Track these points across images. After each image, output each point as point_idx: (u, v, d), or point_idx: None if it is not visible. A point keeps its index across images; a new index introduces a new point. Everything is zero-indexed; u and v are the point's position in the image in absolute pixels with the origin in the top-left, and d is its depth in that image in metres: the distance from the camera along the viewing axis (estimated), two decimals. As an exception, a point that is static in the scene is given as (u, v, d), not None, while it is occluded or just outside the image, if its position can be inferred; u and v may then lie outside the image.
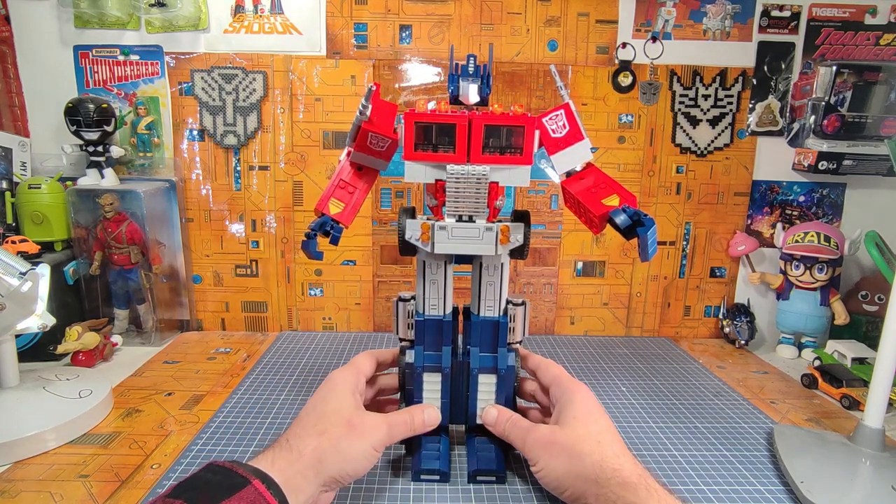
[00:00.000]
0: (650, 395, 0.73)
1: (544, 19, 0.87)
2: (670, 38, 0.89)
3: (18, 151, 0.86)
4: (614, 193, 0.50)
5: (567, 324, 0.96)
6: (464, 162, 0.50)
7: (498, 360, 0.55)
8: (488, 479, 0.53)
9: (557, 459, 0.46)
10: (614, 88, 0.89)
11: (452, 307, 0.56)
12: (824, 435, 0.61)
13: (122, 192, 0.83)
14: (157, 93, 0.88)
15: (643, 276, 0.95)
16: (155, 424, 0.63)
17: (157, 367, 0.79)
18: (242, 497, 0.37)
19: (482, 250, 0.51)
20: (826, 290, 0.88)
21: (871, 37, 0.89)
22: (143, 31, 0.86)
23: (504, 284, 0.54)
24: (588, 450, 0.45)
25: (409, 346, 0.56)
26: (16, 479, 0.52)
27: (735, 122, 0.91)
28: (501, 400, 0.55)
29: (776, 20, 0.88)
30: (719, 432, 0.64)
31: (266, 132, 0.89)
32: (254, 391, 0.71)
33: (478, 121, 0.49)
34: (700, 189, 0.93)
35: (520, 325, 0.56)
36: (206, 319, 0.94)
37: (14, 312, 0.59)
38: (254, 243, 0.92)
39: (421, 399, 0.55)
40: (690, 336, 0.97)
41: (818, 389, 0.77)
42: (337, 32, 0.87)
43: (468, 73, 0.50)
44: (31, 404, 0.61)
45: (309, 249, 0.51)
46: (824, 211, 0.94)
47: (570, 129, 0.51)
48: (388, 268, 0.93)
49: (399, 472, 0.54)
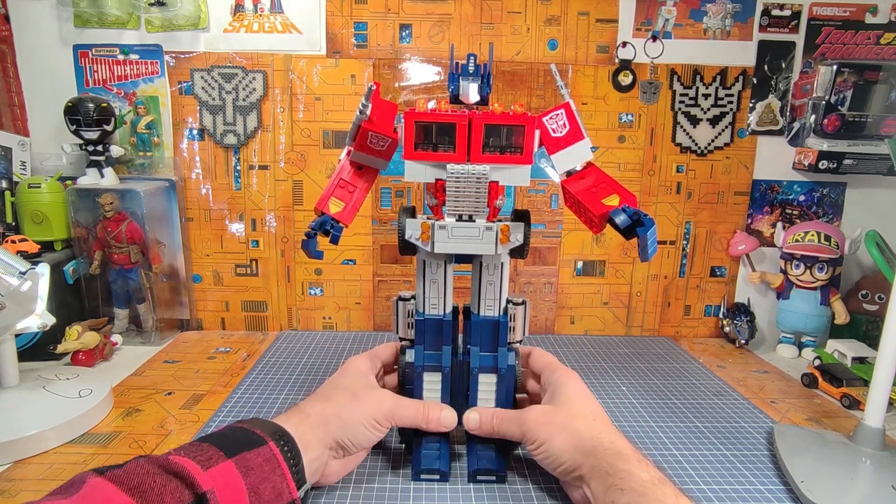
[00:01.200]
0: (650, 395, 0.73)
1: (544, 18, 0.87)
2: (670, 37, 0.88)
3: (18, 151, 0.86)
4: (614, 193, 0.50)
5: (567, 323, 0.96)
6: (464, 161, 0.50)
7: (498, 359, 0.55)
8: (488, 479, 0.53)
9: (557, 436, 0.48)
10: (614, 88, 0.89)
11: (452, 306, 0.56)
12: (824, 434, 0.61)
13: (122, 192, 0.83)
14: (157, 92, 0.87)
15: (643, 275, 0.95)
16: (155, 424, 0.63)
17: (157, 367, 0.79)
18: (259, 453, 0.42)
19: (482, 250, 0.51)
20: (826, 290, 0.88)
21: (871, 36, 0.88)
22: (142, 31, 0.86)
23: (504, 284, 0.54)
24: (585, 426, 0.48)
25: (410, 346, 0.56)
26: (16, 478, 0.52)
27: (735, 121, 0.91)
28: (501, 399, 0.55)
29: (777, 19, 0.88)
30: (719, 432, 0.64)
31: (266, 131, 0.89)
32: (254, 391, 0.71)
33: (478, 120, 0.49)
34: (700, 188, 0.93)
35: (520, 325, 0.56)
36: (206, 319, 0.94)
37: (14, 312, 0.59)
38: (254, 243, 0.92)
39: (421, 398, 0.55)
40: (690, 335, 0.97)
41: (818, 389, 0.77)
42: (337, 32, 0.87)
43: (468, 72, 0.50)
44: (31, 404, 0.61)
45: (309, 248, 0.51)
46: (824, 210, 0.94)
47: (571, 128, 0.51)
48: (388, 267, 0.93)
49: (399, 472, 0.54)
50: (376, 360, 0.58)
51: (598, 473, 0.44)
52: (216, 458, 0.40)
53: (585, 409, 0.50)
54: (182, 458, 0.38)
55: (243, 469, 0.40)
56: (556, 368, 0.55)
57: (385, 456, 0.57)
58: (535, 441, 0.49)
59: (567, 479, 0.48)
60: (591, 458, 0.45)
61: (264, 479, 0.41)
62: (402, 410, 0.51)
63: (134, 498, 0.35)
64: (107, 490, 0.35)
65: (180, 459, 0.38)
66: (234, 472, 0.39)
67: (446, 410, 0.53)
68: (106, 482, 0.35)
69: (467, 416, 0.54)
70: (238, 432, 0.44)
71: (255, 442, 0.42)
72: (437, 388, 0.55)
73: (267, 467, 0.41)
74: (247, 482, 0.39)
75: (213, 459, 0.39)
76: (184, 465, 0.37)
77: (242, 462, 0.40)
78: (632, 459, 0.44)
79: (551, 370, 0.55)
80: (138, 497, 0.35)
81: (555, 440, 0.47)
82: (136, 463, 0.38)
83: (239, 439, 0.42)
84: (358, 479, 0.53)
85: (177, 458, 0.38)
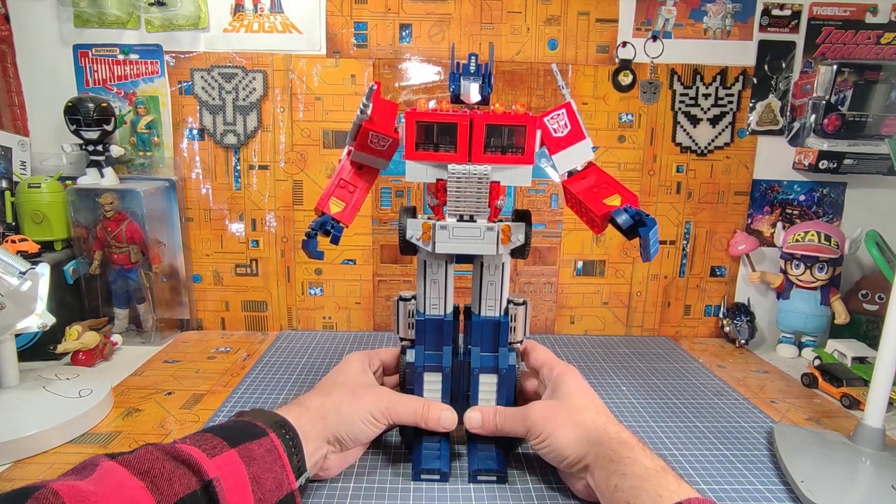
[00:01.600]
0: (650, 395, 0.73)
1: (544, 18, 0.87)
2: (671, 36, 0.88)
3: (18, 150, 0.86)
4: (616, 193, 0.50)
5: (567, 323, 0.96)
6: (465, 161, 0.50)
7: (499, 359, 0.55)
8: (489, 479, 0.53)
9: (562, 429, 0.48)
10: (614, 87, 0.89)
11: (453, 307, 0.56)
12: (824, 434, 0.61)
13: (122, 192, 0.83)
14: (157, 92, 0.87)
15: (643, 275, 0.95)
16: (155, 424, 0.63)
17: (157, 367, 0.79)
18: (262, 444, 0.43)
19: (483, 250, 0.51)
20: (826, 290, 0.88)
21: (871, 36, 0.88)
22: (142, 31, 0.86)
23: (505, 284, 0.54)
24: (589, 418, 0.49)
25: (410, 346, 0.56)
26: (16, 478, 0.52)
27: (735, 121, 0.91)
28: (503, 400, 0.55)
29: (777, 19, 0.88)
30: (719, 431, 0.64)
31: (266, 131, 0.89)
32: (254, 391, 0.71)
33: (479, 120, 0.49)
34: (700, 188, 0.93)
35: (521, 325, 0.56)
36: (206, 319, 0.94)
37: (14, 312, 0.59)
38: (254, 242, 0.92)
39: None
40: (690, 335, 0.97)
41: (818, 389, 0.77)
42: (337, 31, 0.87)
43: (469, 72, 0.50)
44: (31, 404, 0.61)
45: (309, 249, 0.51)
46: (825, 210, 0.94)
47: (572, 128, 0.51)
48: (389, 267, 0.93)
49: (399, 472, 0.54)
50: (375, 358, 0.58)
51: (602, 461, 0.44)
52: (220, 448, 0.41)
53: (588, 402, 0.51)
54: (188, 446, 0.40)
55: (246, 459, 0.41)
56: (555, 364, 0.55)
57: (385, 456, 0.57)
58: (540, 435, 0.49)
59: (571, 470, 0.48)
60: (597, 447, 0.46)
61: (266, 469, 0.42)
62: (399, 408, 0.52)
63: (145, 482, 0.36)
64: (119, 473, 0.36)
65: (187, 448, 0.39)
66: (237, 462, 0.40)
67: (447, 411, 0.53)
68: (118, 466, 0.37)
69: (468, 415, 0.54)
70: (241, 424, 0.45)
71: (258, 433, 0.43)
72: (438, 388, 0.55)
73: (269, 458, 0.42)
74: (249, 471, 0.41)
75: (217, 448, 0.41)
76: (191, 452, 0.39)
77: (245, 452, 0.41)
78: (636, 448, 0.44)
79: (550, 367, 0.55)
80: (149, 481, 0.36)
81: (560, 433, 0.48)
82: (146, 450, 0.39)
83: (242, 430, 0.44)
84: (359, 473, 0.54)
85: (183, 446, 0.39)
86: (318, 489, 0.51)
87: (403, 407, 0.52)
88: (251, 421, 0.45)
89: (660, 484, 0.40)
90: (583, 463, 0.47)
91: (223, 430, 0.43)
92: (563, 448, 0.48)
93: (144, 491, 0.36)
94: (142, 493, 0.35)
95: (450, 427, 0.53)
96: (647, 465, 0.42)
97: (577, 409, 0.50)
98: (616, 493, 0.42)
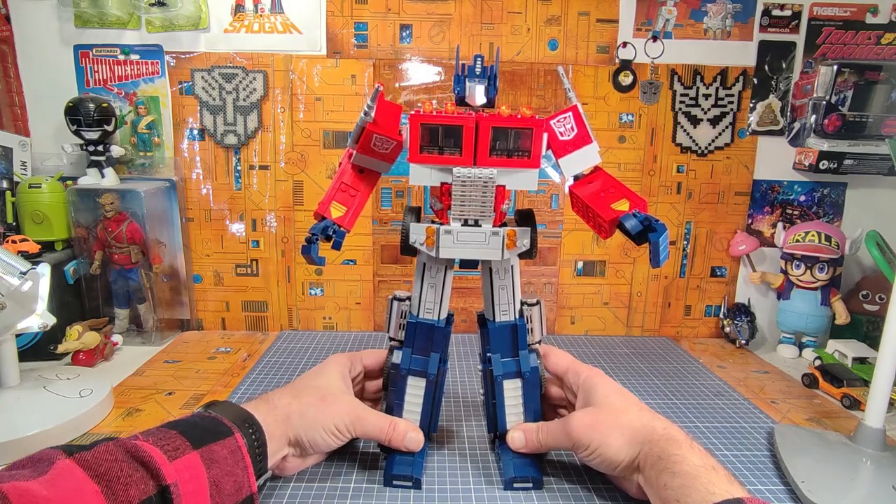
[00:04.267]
0: (651, 395, 0.73)
1: (545, 18, 0.87)
2: (671, 37, 0.88)
3: (19, 151, 0.86)
4: (624, 198, 0.49)
5: (567, 323, 0.96)
6: (470, 165, 0.48)
7: (520, 363, 0.54)
8: (525, 486, 0.51)
9: (609, 436, 0.47)
10: (615, 88, 0.89)
11: (448, 314, 0.54)
12: (825, 434, 0.61)
13: (123, 192, 0.83)
14: (158, 92, 0.87)
15: (644, 275, 0.95)
16: (155, 424, 0.61)
17: (157, 367, 0.79)
18: (225, 445, 0.42)
19: (488, 255, 0.50)
20: (827, 290, 0.88)
21: (872, 36, 0.89)
22: (143, 31, 0.86)
23: (516, 287, 0.53)
24: (634, 417, 0.48)
25: (398, 347, 0.55)
26: (17, 479, 0.52)
27: (736, 121, 0.91)
28: (530, 404, 0.54)
29: (777, 19, 0.88)
30: (720, 432, 0.64)
31: (266, 132, 0.88)
32: (254, 391, 0.71)
33: (485, 123, 0.48)
34: (701, 188, 0.93)
35: (537, 325, 0.55)
36: (206, 319, 0.94)
37: (14, 312, 0.59)
38: (254, 243, 0.92)
39: (402, 402, 0.54)
40: (691, 336, 0.97)
41: (819, 389, 0.77)
42: (337, 32, 0.87)
43: (475, 73, 0.49)
44: (31, 404, 0.61)
45: (310, 254, 0.49)
46: (825, 210, 0.94)
47: (579, 131, 0.50)
48: (389, 267, 0.93)
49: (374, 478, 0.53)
50: (357, 363, 0.57)
51: (651, 459, 0.44)
52: (183, 449, 0.40)
53: (626, 401, 0.50)
54: (150, 445, 0.39)
55: (207, 461, 0.40)
56: (581, 369, 0.54)
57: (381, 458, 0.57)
58: (589, 446, 0.47)
59: (623, 474, 0.47)
60: (647, 446, 0.45)
61: (227, 472, 0.41)
62: (367, 424, 0.51)
63: (100, 486, 0.35)
64: (76, 474, 0.35)
65: (148, 447, 0.38)
66: (198, 466, 0.40)
67: (412, 432, 0.52)
68: (74, 465, 0.36)
69: (511, 436, 0.53)
70: (207, 420, 0.44)
71: (223, 432, 0.43)
72: (420, 393, 0.54)
73: (231, 459, 0.42)
74: (210, 475, 0.40)
75: (179, 450, 0.40)
76: (151, 454, 0.38)
77: (207, 454, 0.41)
78: (684, 444, 0.44)
79: (575, 371, 0.54)
80: (104, 485, 0.35)
81: (608, 440, 0.47)
82: (105, 447, 0.37)
83: (207, 428, 0.43)
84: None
85: (145, 444, 0.38)
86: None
87: (370, 424, 0.51)
88: (218, 417, 0.44)
89: (710, 482, 0.39)
90: (634, 464, 0.46)
91: (189, 426, 0.43)
92: (614, 454, 0.46)
93: (99, 496, 0.34)
94: (96, 498, 0.34)
95: (415, 449, 0.52)
96: (696, 462, 0.41)
97: (618, 411, 0.48)
98: (666, 490, 0.41)
